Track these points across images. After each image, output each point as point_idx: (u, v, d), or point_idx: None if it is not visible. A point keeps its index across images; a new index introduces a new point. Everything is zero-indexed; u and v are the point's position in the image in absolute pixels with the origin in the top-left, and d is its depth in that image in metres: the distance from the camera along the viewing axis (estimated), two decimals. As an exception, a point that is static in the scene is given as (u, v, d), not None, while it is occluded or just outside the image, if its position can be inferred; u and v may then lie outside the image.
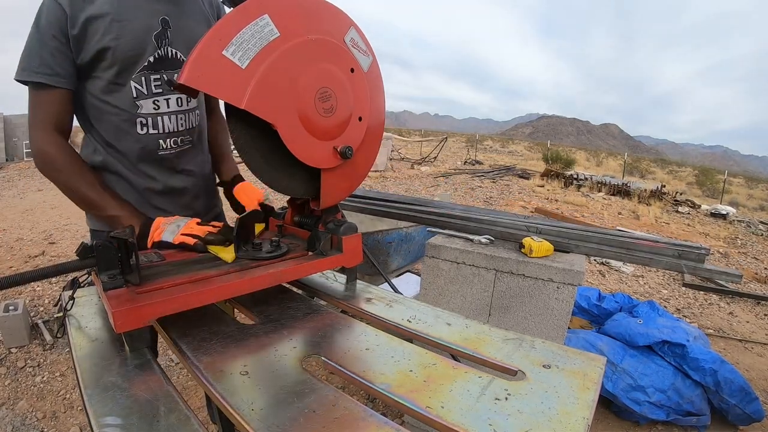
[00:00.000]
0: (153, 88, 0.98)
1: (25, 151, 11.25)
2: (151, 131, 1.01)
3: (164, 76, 0.99)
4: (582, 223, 6.18)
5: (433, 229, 1.77)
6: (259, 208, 1.00)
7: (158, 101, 1.00)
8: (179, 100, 1.03)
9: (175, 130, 1.04)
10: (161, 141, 1.03)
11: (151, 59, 0.96)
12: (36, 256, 4.05)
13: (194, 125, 1.10)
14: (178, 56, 1.01)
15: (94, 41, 0.90)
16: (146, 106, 0.99)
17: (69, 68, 0.91)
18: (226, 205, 1.23)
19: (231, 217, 1.00)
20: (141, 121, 0.99)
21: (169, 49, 0.99)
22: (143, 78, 0.97)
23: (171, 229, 0.86)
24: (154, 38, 0.96)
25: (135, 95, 0.97)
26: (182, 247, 0.83)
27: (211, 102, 1.25)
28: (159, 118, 1.01)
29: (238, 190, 1.10)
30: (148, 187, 1.06)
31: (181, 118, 1.05)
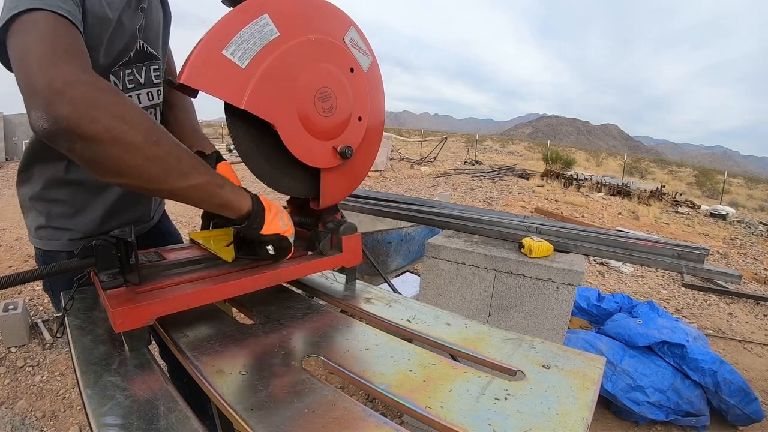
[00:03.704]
0: (127, 83, 0.91)
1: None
2: None
3: (134, 70, 0.91)
4: (581, 223, 6.18)
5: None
6: None
7: (131, 97, 0.92)
8: (150, 94, 0.96)
9: None
10: None
11: (132, 54, 0.90)
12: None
13: (158, 120, 1.02)
14: (147, 49, 0.94)
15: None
16: None
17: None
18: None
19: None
20: None
21: (141, 41, 0.92)
22: (121, 73, 0.89)
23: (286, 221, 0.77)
24: (137, 30, 0.89)
25: None
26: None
27: (172, 97, 1.11)
28: None
29: (223, 170, 0.93)
30: (118, 197, 0.95)
31: (150, 113, 0.97)
